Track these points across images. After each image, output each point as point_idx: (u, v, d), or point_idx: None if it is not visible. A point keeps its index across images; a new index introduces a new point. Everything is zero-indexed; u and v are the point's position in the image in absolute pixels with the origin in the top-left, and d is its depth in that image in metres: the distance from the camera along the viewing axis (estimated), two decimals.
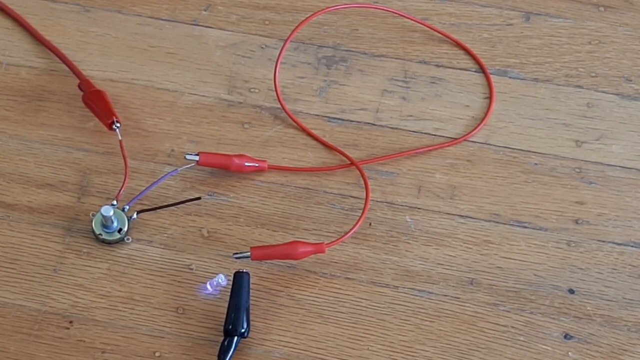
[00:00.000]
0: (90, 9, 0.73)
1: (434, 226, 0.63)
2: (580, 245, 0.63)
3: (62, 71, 0.69)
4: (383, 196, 0.64)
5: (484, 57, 0.71)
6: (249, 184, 0.65)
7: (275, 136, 0.67)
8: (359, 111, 0.69)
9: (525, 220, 0.64)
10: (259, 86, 0.69)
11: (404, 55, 0.72)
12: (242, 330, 0.57)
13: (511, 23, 0.74)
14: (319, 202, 0.64)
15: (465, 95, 0.70)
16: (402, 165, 0.66)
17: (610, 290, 0.61)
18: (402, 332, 0.59)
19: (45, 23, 0.72)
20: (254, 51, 0.71)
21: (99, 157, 0.65)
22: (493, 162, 0.66)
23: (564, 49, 0.72)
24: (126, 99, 0.68)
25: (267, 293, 0.60)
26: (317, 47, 0.72)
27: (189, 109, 0.68)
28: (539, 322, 0.59)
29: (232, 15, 0.73)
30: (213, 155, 0.64)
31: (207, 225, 0.63)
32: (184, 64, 0.70)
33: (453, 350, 0.58)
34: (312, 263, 0.61)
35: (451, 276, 0.61)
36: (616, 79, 0.71)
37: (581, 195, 0.65)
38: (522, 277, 0.61)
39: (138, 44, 0.71)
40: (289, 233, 0.62)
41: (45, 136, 0.66)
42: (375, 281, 0.61)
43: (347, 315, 0.59)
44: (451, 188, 0.65)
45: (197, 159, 0.63)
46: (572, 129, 0.68)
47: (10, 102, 0.68)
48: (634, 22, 0.74)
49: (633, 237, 0.63)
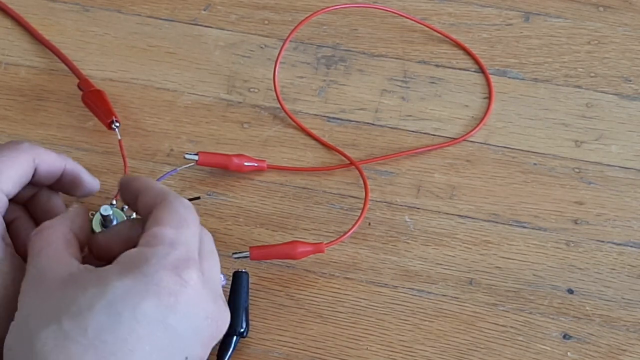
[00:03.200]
0: (90, 8, 0.73)
1: (433, 226, 0.63)
2: (579, 245, 0.63)
3: (62, 71, 0.69)
4: (382, 196, 0.64)
5: (483, 57, 0.71)
6: (248, 184, 0.65)
7: (274, 136, 0.67)
8: (359, 111, 0.69)
9: (525, 220, 0.64)
10: (258, 86, 0.69)
11: (404, 55, 0.72)
12: (241, 329, 0.57)
13: (510, 23, 0.74)
14: (318, 202, 0.64)
15: (465, 95, 0.70)
16: (401, 165, 0.66)
17: (609, 290, 0.61)
18: (401, 332, 0.59)
19: (44, 22, 0.72)
20: (253, 51, 0.71)
21: (98, 157, 0.65)
22: (492, 162, 0.66)
23: (563, 49, 0.72)
24: (125, 99, 0.68)
25: (266, 293, 0.60)
26: (316, 47, 0.72)
27: (188, 109, 0.68)
28: (538, 322, 0.59)
29: (232, 14, 0.73)
30: (212, 154, 0.64)
31: (207, 225, 0.62)
32: (184, 64, 0.70)
33: (452, 350, 0.58)
34: (312, 263, 0.61)
35: (450, 276, 0.61)
36: (615, 79, 0.71)
37: (580, 195, 0.65)
38: (521, 277, 0.61)
39: (137, 44, 0.71)
40: (288, 233, 0.62)
41: (45, 136, 0.66)
42: (375, 281, 0.61)
43: (346, 315, 0.59)
44: (450, 188, 0.65)
45: (197, 159, 0.63)
46: (571, 129, 0.68)
47: (9, 102, 0.68)
48: (634, 22, 0.74)
49: (632, 237, 0.63)
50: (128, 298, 0.45)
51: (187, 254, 0.48)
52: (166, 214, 0.49)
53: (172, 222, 0.49)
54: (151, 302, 0.45)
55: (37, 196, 0.56)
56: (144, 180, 0.53)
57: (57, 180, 0.55)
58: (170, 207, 0.49)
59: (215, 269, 0.51)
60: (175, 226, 0.48)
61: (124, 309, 0.45)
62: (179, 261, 0.47)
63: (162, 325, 0.46)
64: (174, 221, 0.49)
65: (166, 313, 0.46)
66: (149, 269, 0.46)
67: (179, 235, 0.48)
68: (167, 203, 0.50)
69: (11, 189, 0.52)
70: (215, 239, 0.62)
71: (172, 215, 0.49)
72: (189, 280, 0.47)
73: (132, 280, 0.46)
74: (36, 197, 0.56)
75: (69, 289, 0.46)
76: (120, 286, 0.46)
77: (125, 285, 0.46)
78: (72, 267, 0.48)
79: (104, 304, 0.45)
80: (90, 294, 0.45)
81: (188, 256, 0.48)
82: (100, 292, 0.45)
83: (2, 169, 0.51)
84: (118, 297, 0.45)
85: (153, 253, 0.47)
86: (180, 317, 0.46)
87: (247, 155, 0.65)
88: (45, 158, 0.54)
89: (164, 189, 0.51)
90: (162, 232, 0.48)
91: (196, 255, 0.48)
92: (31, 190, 0.55)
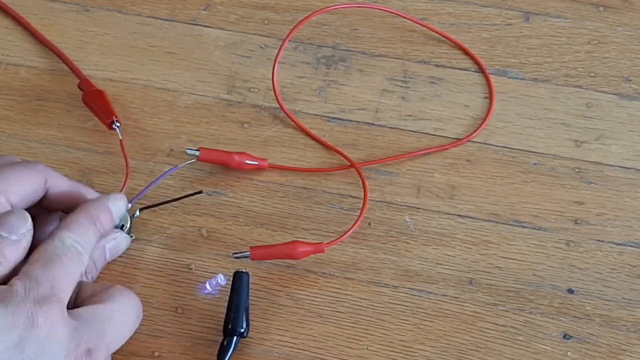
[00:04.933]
0: (90, 8, 0.73)
1: (433, 226, 0.63)
2: (579, 245, 0.63)
3: (62, 71, 0.69)
4: (382, 196, 0.64)
5: (483, 57, 0.71)
6: (248, 184, 0.65)
7: (274, 136, 0.67)
8: (359, 111, 0.69)
9: (525, 220, 0.64)
10: (258, 86, 0.69)
11: (404, 55, 0.72)
12: (242, 330, 0.57)
13: (510, 23, 0.74)
14: (318, 202, 0.64)
15: (465, 95, 0.70)
16: (401, 165, 0.66)
17: (609, 290, 0.61)
18: (401, 332, 0.59)
19: (44, 22, 0.72)
20: (253, 51, 0.71)
21: (99, 157, 0.65)
22: (492, 162, 0.66)
23: (563, 49, 0.72)
24: (125, 99, 0.68)
25: (267, 293, 0.60)
26: (316, 47, 0.72)
27: (188, 109, 0.68)
28: (538, 322, 0.59)
29: (232, 14, 0.73)
30: (213, 151, 0.64)
31: (207, 225, 0.63)
32: (184, 64, 0.70)
33: (452, 350, 0.58)
34: (312, 263, 0.61)
35: (450, 276, 0.61)
36: (615, 79, 0.71)
37: (580, 195, 0.65)
38: (521, 277, 0.61)
39: (137, 44, 0.71)
40: (288, 233, 0.62)
41: (45, 136, 0.66)
42: (375, 281, 0.61)
43: (347, 315, 0.59)
44: (450, 188, 0.65)
45: (198, 155, 0.63)
46: (571, 129, 0.68)
47: (9, 102, 0.68)
48: (634, 22, 0.74)
49: (632, 237, 0.63)
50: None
51: (51, 291, 0.49)
52: (40, 251, 0.51)
53: (42, 259, 0.50)
54: (10, 332, 0.47)
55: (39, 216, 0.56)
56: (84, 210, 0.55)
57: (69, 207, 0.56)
58: (46, 245, 0.52)
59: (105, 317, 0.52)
60: (43, 263, 0.50)
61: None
62: (41, 297, 0.48)
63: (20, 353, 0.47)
64: (43, 258, 0.51)
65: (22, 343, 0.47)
66: (12, 301, 0.48)
67: (45, 271, 0.50)
68: (47, 239, 0.52)
69: (17, 202, 0.53)
70: (216, 239, 0.62)
71: (45, 253, 0.51)
72: (49, 315, 0.48)
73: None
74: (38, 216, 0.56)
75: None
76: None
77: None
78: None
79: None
80: None
81: (51, 293, 0.49)
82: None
83: (12, 182, 0.53)
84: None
85: (14, 290, 0.48)
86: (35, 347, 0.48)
87: (248, 153, 0.65)
88: (58, 183, 0.55)
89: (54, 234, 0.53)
90: (28, 268, 0.50)
91: (63, 296, 0.50)
92: (39, 211, 0.56)
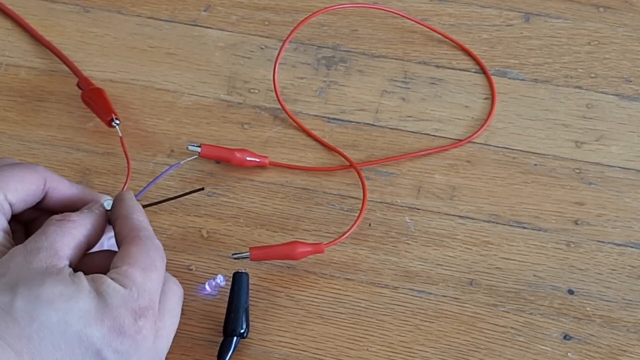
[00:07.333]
0: (90, 9, 0.73)
1: (433, 227, 0.63)
2: (579, 246, 0.63)
3: (62, 71, 0.69)
4: (382, 197, 0.64)
5: (483, 57, 0.71)
6: (248, 185, 0.65)
7: (274, 136, 0.67)
8: (359, 111, 0.69)
9: (525, 220, 0.64)
10: (258, 87, 0.69)
11: (404, 55, 0.72)
12: (242, 330, 0.57)
13: (511, 24, 0.74)
14: (318, 202, 0.64)
15: (465, 95, 0.70)
16: (401, 165, 0.66)
17: (609, 290, 0.61)
18: (401, 333, 0.59)
19: (44, 23, 0.72)
20: (253, 52, 0.71)
21: (99, 158, 0.65)
22: (492, 162, 0.66)
23: (563, 50, 0.72)
24: (126, 100, 0.68)
25: (267, 293, 0.60)
26: (316, 48, 0.72)
27: (188, 110, 0.68)
28: (538, 323, 0.59)
29: (232, 15, 0.73)
30: (215, 147, 0.64)
31: (207, 225, 0.63)
32: (184, 65, 0.70)
33: (452, 351, 0.58)
34: (312, 263, 0.61)
35: (451, 277, 0.61)
36: (616, 80, 0.71)
37: (581, 195, 0.65)
38: (521, 277, 0.61)
39: (138, 45, 0.71)
40: (288, 233, 0.62)
41: (45, 137, 0.66)
42: (375, 282, 0.61)
43: (347, 316, 0.59)
44: (451, 189, 0.65)
45: (199, 151, 0.64)
46: (571, 130, 0.68)
47: (9, 103, 0.68)
48: (634, 23, 0.74)
49: (633, 237, 0.63)
50: (85, 316, 0.47)
51: (149, 303, 0.49)
52: (136, 253, 0.51)
53: (141, 263, 0.50)
54: (100, 330, 0.47)
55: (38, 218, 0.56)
56: (128, 206, 0.54)
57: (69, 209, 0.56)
58: (141, 246, 0.51)
59: (170, 329, 0.52)
60: (143, 268, 0.50)
61: (76, 323, 0.47)
62: (140, 308, 0.49)
63: (96, 355, 0.47)
64: (142, 263, 0.50)
65: (106, 346, 0.47)
66: (113, 303, 0.48)
67: (145, 279, 0.50)
68: (138, 241, 0.51)
69: (16, 201, 0.53)
70: (216, 239, 0.62)
71: (142, 256, 0.51)
72: (142, 328, 0.49)
73: (95, 304, 0.48)
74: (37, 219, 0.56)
75: (46, 278, 0.48)
76: (84, 302, 0.47)
77: (87, 304, 0.47)
78: (60, 264, 0.49)
79: (62, 309, 0.47)
80: (58, 291, 0.47)
81: (149, 305, 0.49)
82: (66, 298, 0.47)
83: (11, 181, 0.53)
84: (76, 311, 0.47)
85: (121, 292, 0.49)
86: (116, 357, 0.48)
87: (249, 150, 0.65)
88: (58, 185, 0.55)
89: (140, 224, 0.53)
90: (132, 272, 0.50)
91: (156, 306, 0.50)
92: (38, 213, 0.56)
